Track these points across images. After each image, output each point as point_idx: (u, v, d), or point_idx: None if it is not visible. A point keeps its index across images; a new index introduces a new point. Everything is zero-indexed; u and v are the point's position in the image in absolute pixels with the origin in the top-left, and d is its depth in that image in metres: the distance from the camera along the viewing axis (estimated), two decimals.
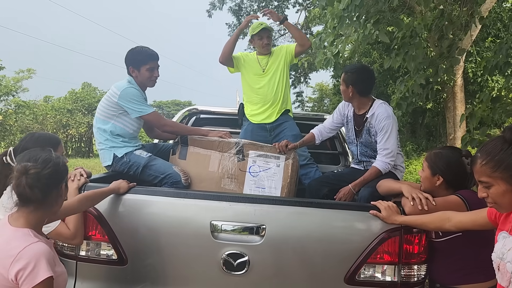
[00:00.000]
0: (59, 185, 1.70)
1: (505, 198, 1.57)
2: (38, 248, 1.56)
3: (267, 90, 3.77)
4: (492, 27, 12.75)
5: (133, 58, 3.07)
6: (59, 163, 1.70)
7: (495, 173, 1.54)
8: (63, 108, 19.88)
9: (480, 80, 12.44)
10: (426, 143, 15.46)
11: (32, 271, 1.50)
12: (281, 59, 3.83)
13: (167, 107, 49.07)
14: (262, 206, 2.23)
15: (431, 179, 2.28)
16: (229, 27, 21.44)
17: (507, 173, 1.52)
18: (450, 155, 2.28)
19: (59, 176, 1.69)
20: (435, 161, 2.27)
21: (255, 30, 3.78)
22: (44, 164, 1.64)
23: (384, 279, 2.23)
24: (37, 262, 1.52)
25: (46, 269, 1.53)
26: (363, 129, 3.05)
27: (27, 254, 1.53)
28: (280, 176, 2.97)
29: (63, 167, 1.72)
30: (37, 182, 1.60)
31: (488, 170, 1.56)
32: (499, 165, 1.53)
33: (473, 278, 2.12)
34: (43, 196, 1.63)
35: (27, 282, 1.50)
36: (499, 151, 1.54)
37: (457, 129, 11.05)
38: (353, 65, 3.14)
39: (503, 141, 1.56)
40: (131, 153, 3.00)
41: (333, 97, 20.02)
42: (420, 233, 2.20)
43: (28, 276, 1.50)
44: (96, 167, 13.26)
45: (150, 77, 3.10)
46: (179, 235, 2.25)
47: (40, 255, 1.54)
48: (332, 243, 2.22)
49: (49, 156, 1.69)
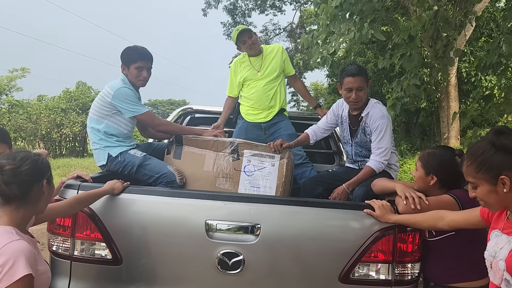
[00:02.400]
0: (40, 181, 1.70)
1: (490, 198, 1.62)
2: (18, 246, 1.56)
3: (263, 92, 3.76)
4: (485, 27, 12.85)
5: (125, 55, 3.06)
6: (38, 160, 1.72)
7: (479, 174, 1.60)
8: (57, 108, 19.75)
9: (474, 79, 12.52)
10: (420, 143, 15.53)
11: (11, 269, 1.51)
12: (276, 61, 3.80)
13: (162, 106, 48.94)
14: (257, 205, 2.24)
15: (424, 179, 2.30)
16: (224, 26, 21.42)
17: (489, 174, 1.57)
18: (444, 154, 2.30)
19: (38, 173, 1.70)
20: (428, 161, 2.29)
21: (234, 38, 3.78)
22: (21, 161, 1.67)
23: (378, 277, 2.24)
24: (16, 260, 1.52)
25: (24, 266, 1.53)
26: (358, 128, 3.06)
27: (7, 251, 1.53)
28: (275, 175, 2.97)
29: (42, 164, 1.73)
30: (13, 178, 1.62)
31: (472, 171, 1.62)
32: (481, 167, 1.59)
33: (467, 276, 2.14)
34: (22, 192, 1.65)
35: (6, 279, 1.50)
36: (482, 153, 1.60)
37: (451, 128, 11.14)
38: (360, 66, 3.08)
39: (487, 143, 1.61)
40: (125, 152, 2.99)
41: (328, 96, 20.06)
42: (414, 231, 2.22)
43: (7, 273, 1.50)
44: (90, 167, 13.21)
45: (137, 77, 3.06)
46: (174, 235, 2.25)
47: (20, 252, 1.54)
48: (326, 242, 2.23)
49: (27, 154, 1.71)
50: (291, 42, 22.47)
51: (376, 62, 11.29)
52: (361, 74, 2.96)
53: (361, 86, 2.94)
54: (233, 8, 20.61)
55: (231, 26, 21.32)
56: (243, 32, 3.72)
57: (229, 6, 20.49)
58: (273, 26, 22.39)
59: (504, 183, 1.54)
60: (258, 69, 3.79)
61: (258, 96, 3.77)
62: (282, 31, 22.40)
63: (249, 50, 3.76)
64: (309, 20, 19.87)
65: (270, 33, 22.03)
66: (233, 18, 21.04)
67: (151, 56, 3.13)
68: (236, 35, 3.73)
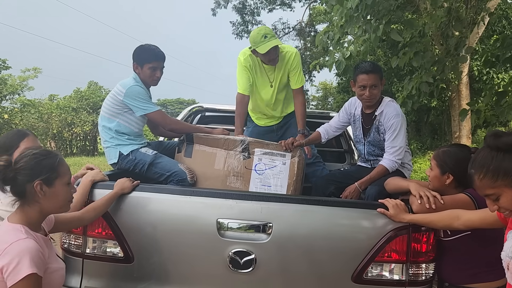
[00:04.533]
0: (32, 181, 1.65)
1: None
2: (24, 245, 1.57)
3: (274, 102, 3.58)
4: (497, 24, 12.68)
5: (139, 54, 3.06)
6: (38, 159, 1.68)
7: (497, 182, 1.51)
8: (68, 107, 19.95)
9: (486, 78, 12.37)
10: (430, 142, 15.39)
11: (16, 267, 1.52)
12: (286, 69, 3.45)
13: (171, 105, 49.14)
14: (269, 204, 2.22)
15: (440, 178, 2.25)
16: (233, 25, 21.44)
17: (508, 178, 1.49)
18: (459, 152, 2.25)
19: (30, 172, 1.65)
20: (444, 160, 2.24)
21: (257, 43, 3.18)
22: (18, 158, 1.67)
23: (392, 277, 2.21)
24: (21, 259, 1.53)
25: (29, 265, 1.53)
26: (371, 127, 3.03)
27: (13, 250, 1.54)
28: (286, 174, 2.95)
29: (38, 164, 1.67)
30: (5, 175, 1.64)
31: (489, 182, 1.52)
32: (497, 174, 1.50)
33: (483, 277, 2.10)
34: (16, 190, 1.66)
35: (11, 277, 1.52)
36: (491, 160, 1.52)
37: (462, 127, 11.00)
38: (373, 63, 3.03)
39: (490, 150, 1.54)
40: (136, 150, 3.00)
41: (337, 95, 19.98)
42: (428, 231, 2.19)
43: (12, 272, 1.51)
44: (101, 165, 13.30)
45: (151, 76, 3.07)
46: (186, 233, 2.25)
47: (25, 252, 1.55)
48: (339, 241, 2.21)
49: (28, 152, 1.70)
50: (301, 40, 22.41)
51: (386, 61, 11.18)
52: (376, 71, 2.92)
53: (375, 84, 2.90)
54: (242, 7, 20.61)
55: (240, 25, 21.33)
56: (274, 49, 3.21)
57: (239, 5, 20.50)
58: (282, 25, 22.35)
59: None
60: (272, 79, 3.47)
61: (268, 106, 3.60)
62: (291, 29, 22.35)
63: (268, 61, 3.33)
64: (319, 18, 19.78)
65: (279, 32, 21.97)
66: (242, 17, 21.04)
67: (164, 56, 3.13)
68: (262, 46, 3.16)
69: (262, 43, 3.16)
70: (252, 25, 21.01)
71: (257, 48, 3.18)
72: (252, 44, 3.24)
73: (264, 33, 3.18)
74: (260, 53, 3.21)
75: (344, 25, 4.42)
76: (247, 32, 20.92)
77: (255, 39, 3.20)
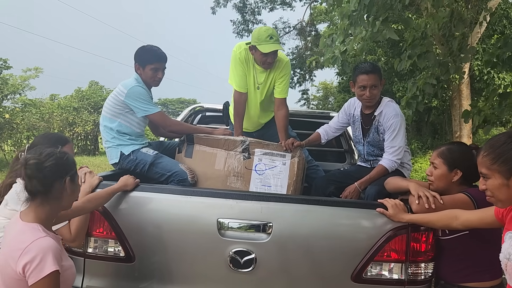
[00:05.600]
0: (62, 178, 1.72)
1: (500, 192, 1.61)
2: (45, 242, 1.60)
3: (257, 106, 3.48)
4: (497, 24, 12.67)
5: (141, 55, 3.07)
6: (63, 157, 1.74)
7: (493, 166, 1.60)
8: (69, 107, 19.97)
9: (486, 78, 12.36)
10: (431, 141, 15.39)
11: (39, 265, 1.54)
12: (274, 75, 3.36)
13: (171, 105, 49.11)
14: (269, 203, 2.24)
15: (447, 175, 2.25)
16: (234, 24, 21.43)
17: (504, 166, 1.57)
18: (463, 148, 2.29)
19: (60, 169, 1.72)
20: (451, 156, 2.25)
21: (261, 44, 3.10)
22: (46, 157, 1.69)
23: (391, 277, 2.23)
24: (43, 256, 1.56)
25: (52, 263, 1.56)
26: (371, 127, 3.04)
27: (34, 248, 1.57)
28: (286, 174, 2.96)
29: (66, 161, 1.75)
30: (36, 172, 1.65)
31: (487, 162, 1.62)
32: (498, 158, 1.59)
33: (479, 276, 2.11)
34: (44, 188, 1.67)
35: (34, 275, 1.54)
36: (501, 145, 1.60)
37: (463, 126, 11.00)
38: (373, 64, 3.04)
39: (508, 136, 1.61)
40: (137, 151, 3.01)
41: (338, 95, 19.96)
42: (428, 231, 2.20)
43: (35, 270, 1.54)
44: (101, 165, 13.35)
45: (153, 77, 3.08)
46: (186, 233, 2.26)
47: (47, 249, 1.58)
48: (338, 240, 2.22)
49: (53, 151, 1.74)
50: (301, 40, 22.40)
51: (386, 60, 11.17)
52: (375, 71, 2.93)
53: (375, 84, 2.92)
54: (242, 6, 20.60)
55: (240, 24, 21.31)
56: (275, 53, 3.17)
57: (239, 4, 20.48)
58: (283, 24, 22.33)
59: None
60: (260, 82, 3.35)
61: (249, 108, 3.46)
62: (292, 29, 22.34)
63: (262, 63, 3.23)
64: (320, 18, 19.76)
65: (280, 31, 21.95)
66: (243, 16, 21.04)
67: (166, 57, 3.14)
68: (265, 45, 3.09)
69: (266, 42, 3.10)
70: (253, 24, 21.02)
71: (260, 46, 3.10)
72: (254, 40, 3.14)
73: (271, 33, 3.12)
74: (260, 52, 3.13)
75: (347, 27, 4.44)
76: (248, 31, 20.92)
77: (259, 37, 3.11)
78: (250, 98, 3.43)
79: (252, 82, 3.37)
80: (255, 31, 3.21)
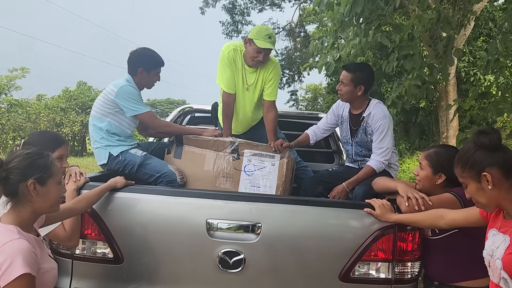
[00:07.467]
0: (25, 181, 1.65)
1: (480, 196, 1.68)
2: (17, 245, 1.57)
3: (248, 109, 3.48)
4: (484, 26, 12.87)
5: (146, 61, 3.08)
6: (32, 158, 1.68)
7: (464, 173, 1.70)
8: (57, 107, 19.75)
9: (473, 79, 12.55)
10: (419, 142, 15.56)
11: (9, 267, 1.52)
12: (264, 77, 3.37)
13: (160, 105, 48.87)
14: (257, 204, 2.25)
15: (432, 178, 2.28)
16: (223, 25, 21.38)
17: (472, 171, 1.66)
18: (450, 152, 2.28)
19: (22, 172, 1.65)
20: (437, 160, 2.27)
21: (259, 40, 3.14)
22: (13, 158, 1.67)
23: (378, 276, 2.26)
24: (14, 259, 1.53)
25: (22, 265, 1.53)
26: (359, 128, 3.07)
27: (6, 250, 1.55)
28: (275, 175, 2.98)
29: (32, 163, 1.67)
30: (1, 173, 1.63)
31: (459, 171, 1.72)
32: (465, 166, 1.68)
33: (472, 274, 2.12)
34: (11, 189, 1.65)
35: (4, 277, 1.52)
36: (465, 152, 1.70)
37: (450, 127, 11.15)
38: (358, 64, 3.10)
39: (470, 143, 1.71)
40: (126, 152, 3.00)
41: (327, 96, 20.08)
42: (414, 230, 2.23)
43: (5, 272, 1.51)
44: (89, 166, 13.20)
45: (154, 81, 3.20)
46: (175, 234, 2.26)
47: (18, 252, 1.55)
48: (326, 240, 2.24)
49: (22, 152, 1.69)
50: (290, 41, 22.46)
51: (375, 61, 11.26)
52: (350, 70, 3.02)
53: (343, 80, 3.01)
54: (232, 7, 20.57)
55: (230, 25, 21.28)
56: (268, 52, 3.24)
57: (228, 5, 20.44)
58: (272, 25, 22.35)
59: (487, 180, 1.61)
60: (250, 83, 3.36)
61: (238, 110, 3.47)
62: (281, 30, 22.39)
63: (251, 60, 3.24)
64: (309, 19, 19.85)
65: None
66: (232, 17, 21.01)
67: None
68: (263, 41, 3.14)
69: (264, 40, 3.14)
70: (242, 25, 20.99)
71: (257, 40, 3.13)
72: (253, 34, 3.17)
73: (270, 34, 3.20)
74: (254, 46, 3.15)
75: (337, 29, 4.49)
76: (237, 32, 20.90)
77: (259, 33, 3.16)
78: (239, 99, 3.43)
79: (240, 83, 3.38)
80: (255, 27, 3.27)
